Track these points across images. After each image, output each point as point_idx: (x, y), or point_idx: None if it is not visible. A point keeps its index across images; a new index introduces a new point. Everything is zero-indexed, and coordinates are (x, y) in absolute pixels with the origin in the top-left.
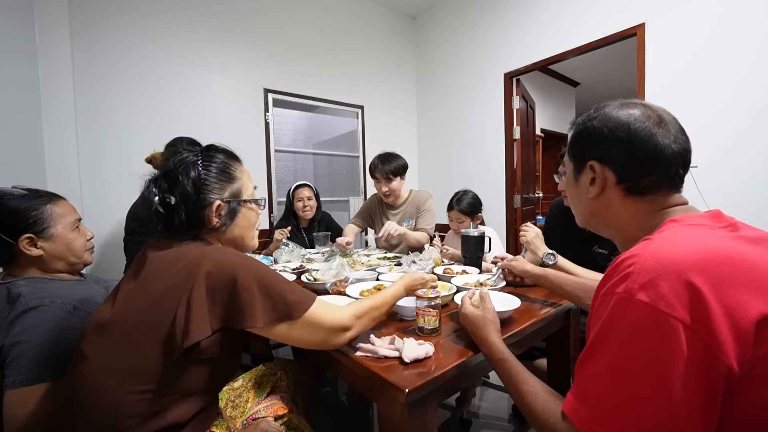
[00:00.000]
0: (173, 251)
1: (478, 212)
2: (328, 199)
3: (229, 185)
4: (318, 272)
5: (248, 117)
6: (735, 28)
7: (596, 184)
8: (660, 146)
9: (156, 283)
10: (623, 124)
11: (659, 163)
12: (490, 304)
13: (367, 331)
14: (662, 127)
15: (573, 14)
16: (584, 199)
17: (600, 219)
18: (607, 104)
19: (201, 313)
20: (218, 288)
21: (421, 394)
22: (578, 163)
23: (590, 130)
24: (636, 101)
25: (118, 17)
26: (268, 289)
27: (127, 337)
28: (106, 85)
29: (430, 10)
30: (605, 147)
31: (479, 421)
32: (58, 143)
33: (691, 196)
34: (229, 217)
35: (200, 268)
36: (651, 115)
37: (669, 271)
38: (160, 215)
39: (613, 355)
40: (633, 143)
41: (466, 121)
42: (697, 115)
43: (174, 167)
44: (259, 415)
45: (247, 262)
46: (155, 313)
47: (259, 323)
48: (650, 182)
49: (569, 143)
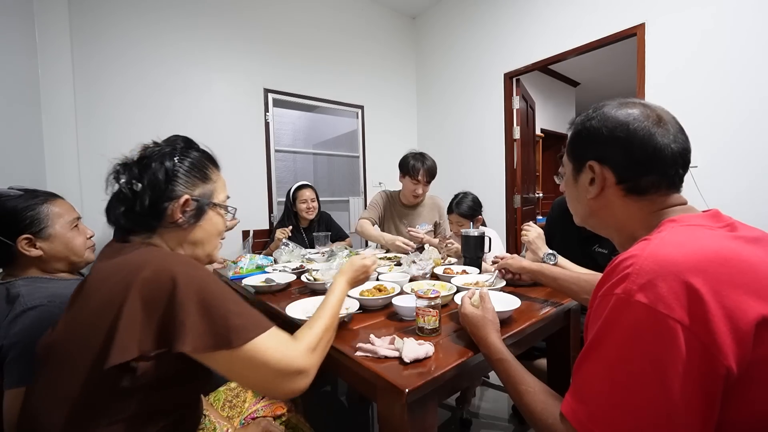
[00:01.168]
0: (119, 259)
1: (478, 215)
2: (328, 199)
3: (201, 184)
4: (318, 272)
5: (248, 117)
6: (735, 28)
7: (596, 184)
8: (659, 146)
9: (94, 299)
10: (622, 124)
11: (659, 163)
12: (489, 304)
13: (367, 332)
14: (661, 127)
15: (573, 14)
16: (583, 199)
17: (599, 219)
18: (605, 104)
19: (131, 329)
20: (154, 299)
21: (421, 394)
22: (577, 163)
23: (589, 130)
24: (635, 100)
25: (117, 16)
26: (209, 307)
27: (64, 364)
28: (106, 84)
29: (430, 10)
30: (604, 147)
31: (479, 421)
32: (58, 142)
33: (691, 196)
34: (195, 217)
35: (138, 276)
36: (650, 115)
37: (667, 272)
38: (123, 200)
39: (612, 356)
40: (632, 143)
41: (466, 121)
42: (697, 115)
43: (148, 155)
44: (258, 415)
45: (193, 272)
46: (90, 333)
47: (187, 347)
48: (650, 182)
49: (568, 143)
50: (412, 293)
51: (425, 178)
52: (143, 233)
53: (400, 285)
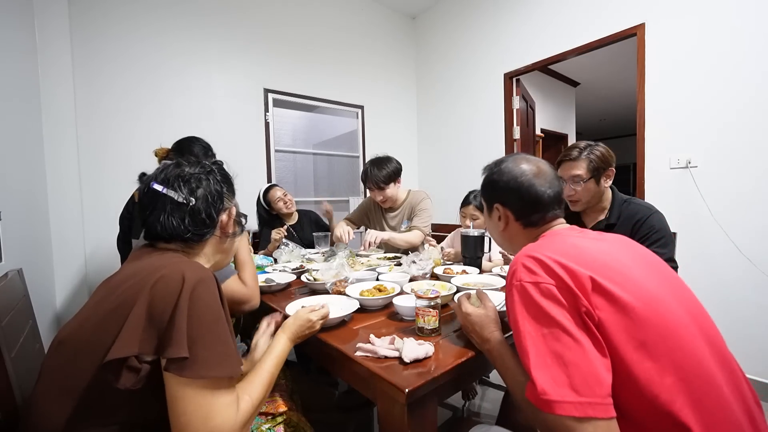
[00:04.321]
0: (143, 261)
1: None
2: (328, 199)
3: (233, 197)
4: (318, 272)
5: (248, 117)
6: (735, 28)
7: (502, 220)
8: (539, 193)
9: (111, 299)
10: (513, 177)
11: (540, 204)
12: (491, 303)
13: (367, 332)
14: (540, 177)
15: (573, 14)
16: (496, 230)
17: (508, 243)
18: (505, 159)
19: (135, 328)
20: (159, 302)
21: (421, 394)
22: (488, 204)
23: (492, 181)
24: (524, 156)
25: (117, 15)
26: (193, 325)
27: (73, 357)
28: (106, 84)
29: (430, 10)
30: (503, 193)
31: (480, 420)
32: (58, 142)
33: (691, 196)
34: (239, 228)
35: (151, 278)
36: (532, 169)
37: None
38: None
39: (528, 329)
40: (520, 191)
41: (466, 121)
42: (697, 115)
43: (194, 172)
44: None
45: (199, 279)
46: (101, 330)
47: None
48: (538, 217)
49: (481, 189)
50: (412, 293)
51: (375, 185)
52: (173, 242)
53: (400, 285)
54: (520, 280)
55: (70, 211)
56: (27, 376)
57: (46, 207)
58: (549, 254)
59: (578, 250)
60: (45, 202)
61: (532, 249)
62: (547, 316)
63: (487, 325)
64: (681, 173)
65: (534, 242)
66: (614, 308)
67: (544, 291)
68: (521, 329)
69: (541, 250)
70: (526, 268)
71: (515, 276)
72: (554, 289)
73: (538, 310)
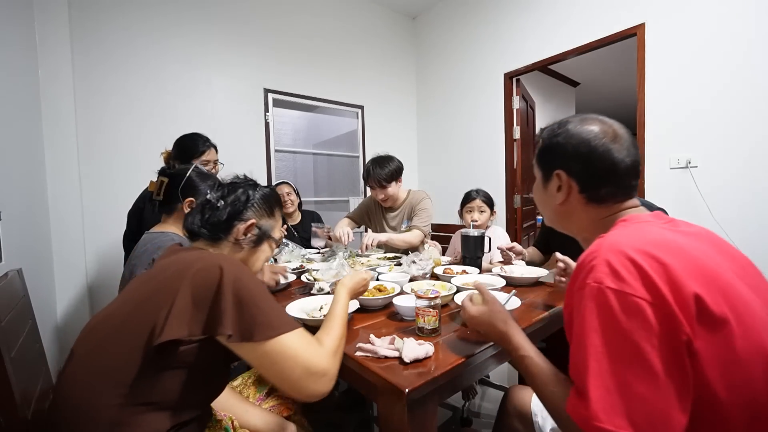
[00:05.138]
0: (177, 256)
1: (494, 207)
2: (328, 199)
3: (267, 217)
4: (318, 272)
5: (248, 117)
6: (735, 28)
7: (562, 191)
8: (615, 161)
9: (152, 283)
10: (584, 141)
11: (614, 176)
12: (490, 296)
13: (367, 332)
14: (617, 143)
15: (573, 14)
16: (551, 203)
17: (564, 221)
18: (569, 120)
19: (182, 314)
20: (202, 289)
21: (421, 394)
22: (546, 172)
23: (555, 145)
24: (594, 117)
25: (117, 15)
26: (241, 301)
27: (111, 337)
28: (106, 84)
29: (430, 10)
30: (569, 160)
31: (480, 420)
32: (58, 143)
33: (691, 196)
34: (255, 242)
35: (191, 268)
36: (608, 131)
37: (618, 253)
38: (206, 209)
39: (598, 343)
40: (593, 158)
41: (466, 121)
42: (697, 115)
43: (237, 182)
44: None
45: (237, 270)
46: (141, 312)
47: (222, 335)
48: (607, 192)
49: (536, 154)
50: (412, 293)
51: (377, 183)
52: (206, 241)
53: (400, 285)
54: (599, 282)
55: (70, 211)
56: (27, 376)
57: (46, 207)
58: (646, 253)
59: (679, 251)
60: (45, 202)
61: (620, 241)
62: (626, 340)
63: (496, 322)
64: (681, 173)
65: (615, 229)
66: (717, 338)
67: (631, 307)
68: (587, 342)
69: (633, 244)
70: (611, 267)
71: (593, 274)
72: (647, 307)
73: (617, 329)
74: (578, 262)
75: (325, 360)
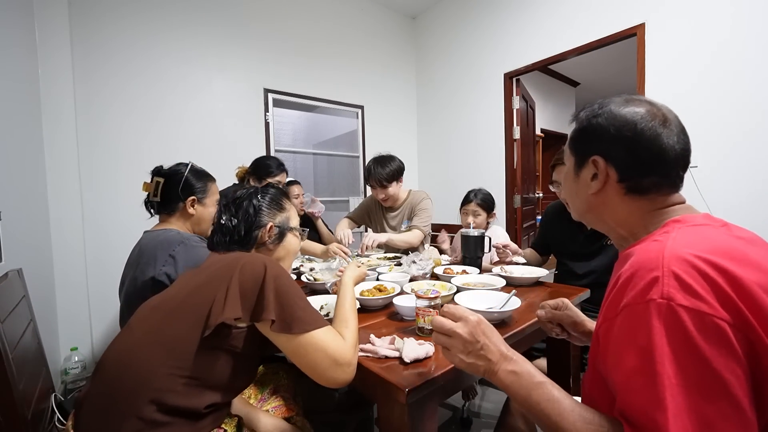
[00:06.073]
0: (224, 255)
1: (493, 209)
2: (328, 199)
3: (279, 213)
4: (318, 272)
5: (248, 117)
6: (735, 27)
7: (598, 179)
8: (665, 147)
9: (204, 274)
10: (629, 123)
11: (662, 164)
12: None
13: (367, 332)
14: (667, 127)
15: (573, 14)
16: (583, 194)
17: (596, 214)
18: (611, 100)
19: (234, 300)
20: (250, 281)
21: (421, 394)
22: (580, 158)
23: (595, 127)
24: (640, 98)
25: (116, 16)
26: (281, 297)
27: (169, 316)
28: (106, 84)
29: (430, 10)
30: (610, 145)
31: (480, 420)
32: (58, 143)
33: (691, 196)
34: (278, 239)
35: (239, 262)
36: (657, 114)
37: (693, 268)
38: (225, 232)
39: (669, 374)
40: (639, 143)
41: (466, 121)
42: (697, 114)
43: (239, 196)
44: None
45: (277, 268)
46: (196, 297)
47: (264, 324)
48: (652, 182)
49: (571, 138)
50: (412, 293)
51: (378, 182)
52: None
53: (400, 285)
54: (669, 299)
55: (70, 211)
56: (27, 376)
57: (46, 207)
58: (716, 264)
59: (747, 261)
60: (45, 202)
61: (686, 249)
62: (707, 368)
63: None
64: None
65: (672, 232)
66: None
67: (710, 329)
68: (658, 370)
69: (700, 253)
70: (680, 281)
71: (658, 288)
72: (728, 328)
73: (696, 356)
74: (627, 271)
75: (349, 352)
